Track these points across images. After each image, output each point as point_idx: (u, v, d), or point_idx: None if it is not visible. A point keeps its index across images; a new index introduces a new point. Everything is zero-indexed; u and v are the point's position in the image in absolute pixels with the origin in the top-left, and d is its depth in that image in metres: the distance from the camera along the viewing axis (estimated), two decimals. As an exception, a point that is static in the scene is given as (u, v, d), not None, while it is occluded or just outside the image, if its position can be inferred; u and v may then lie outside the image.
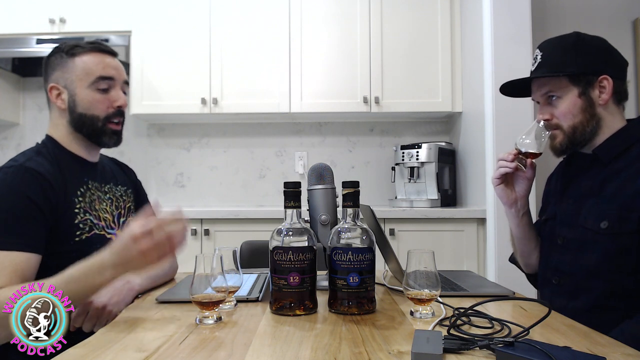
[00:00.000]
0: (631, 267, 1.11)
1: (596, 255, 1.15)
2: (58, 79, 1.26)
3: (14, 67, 3.06)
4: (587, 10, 2.92)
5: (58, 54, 1.27)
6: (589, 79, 1.21)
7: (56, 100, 1.27)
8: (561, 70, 1.22)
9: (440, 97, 2.87)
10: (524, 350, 0.68)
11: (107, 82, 1.27)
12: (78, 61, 1.25)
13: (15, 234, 1.07)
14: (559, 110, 1.24)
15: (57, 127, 1.29)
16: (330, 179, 1.20)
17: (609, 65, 1.23)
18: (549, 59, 1.25)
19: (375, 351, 0.75)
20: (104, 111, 1.27)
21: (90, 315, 1.08)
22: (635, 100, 2.90)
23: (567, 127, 1.23)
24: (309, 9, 2.88)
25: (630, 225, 1.10)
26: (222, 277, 0.95)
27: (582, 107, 1.22)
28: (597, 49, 1.24)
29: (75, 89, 1.25)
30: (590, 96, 1.22)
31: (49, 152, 1.24)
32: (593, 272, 1.16)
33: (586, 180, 1.25)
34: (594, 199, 1.19)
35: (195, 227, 2.56)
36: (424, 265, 0.95)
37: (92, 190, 1.29)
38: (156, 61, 2.87)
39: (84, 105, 1.26)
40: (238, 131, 3.22)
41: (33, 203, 1.11)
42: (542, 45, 1.29)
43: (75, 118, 1.26)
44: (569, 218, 1.25)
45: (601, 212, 1.15)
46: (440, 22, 2.87)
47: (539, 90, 1.27)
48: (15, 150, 3.18)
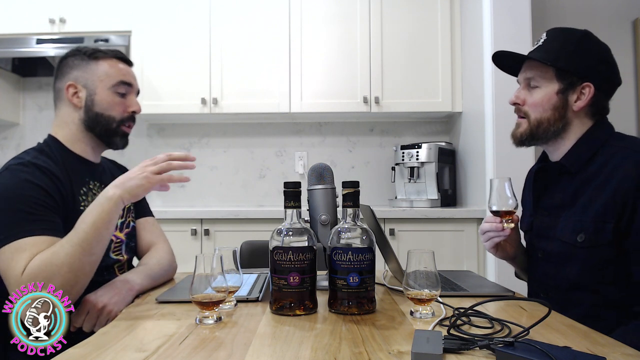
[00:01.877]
0: (612, 278, 1.11)
1: (577, 268, 1.15)
2: (77, 78, 1.29)
3: (14, 67, 3.06)
4: (587, 10, 2.92)
5: (78, 56, 1.31)
6: (573, 80, 1.19)
7: (72, 98, 1.29)
8: (553, 60, 1.20)
9: (440, 97, 2.87)
10: (524, 350, 0.68)
11: (125, 88, 1.33)
12: (101, 64, 1.31)
13: (38, 220, 1.10)
14: (532, 99, 1.23)
15: (64, 125, 1.30)
16: (330, 179, 1.20)
17: (599, 76, 1.20)
18: (548, 45, 1.23)
19: (375, 351, 0.75)
20: (120, 114, 1.32)
21: (90, 315, 1.08)
22: (635, 100, 2.90)
23: (534, 118, 1.22)
24: (309, 9, 2.88)
25: (606, 236, 1.10)
26: (222, 277, 0.95)
27: (555, 105, 1.21)
28: (596, 56, 1.21)
29: (96, 89, 1.29)
30: (567, 98, 1.20)
31: (51, 151, 1.26)
32: (577, 285, 1.15)
33: (558, 192, 1.24)
34: (568, 212, 1.19)
35: (195, 227, 2.56)
36: (424, 265, 0.95)
37: (94, 190, 1.30)
38: (156, 61, 2.87)
39: (102, 105, 1.29)
40: (238, 131, 3.22)
41: (48, 194, 1.14)
42: (550, 30, 1.26)
43: (91, 117, 1.29)
44: (546, 231, 1.25)
45: (576, 225, 1.15)
46: (440, 22, 2.87)
47: (525, 72, 1.26)
48: (15, 150, 3.18)
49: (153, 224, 1.48)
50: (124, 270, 1.33)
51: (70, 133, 1.30)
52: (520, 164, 2.28)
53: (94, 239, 1.07)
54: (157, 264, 1.32)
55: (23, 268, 1.02)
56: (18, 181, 1.13)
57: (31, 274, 1.01)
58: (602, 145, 1.18)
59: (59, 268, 1.02)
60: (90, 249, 1.07)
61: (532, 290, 1.33)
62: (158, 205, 2.96)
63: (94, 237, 1.07)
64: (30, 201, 1.11)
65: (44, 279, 0.99)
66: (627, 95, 2.89)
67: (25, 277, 1.01)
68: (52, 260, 1.03)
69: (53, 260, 1.03)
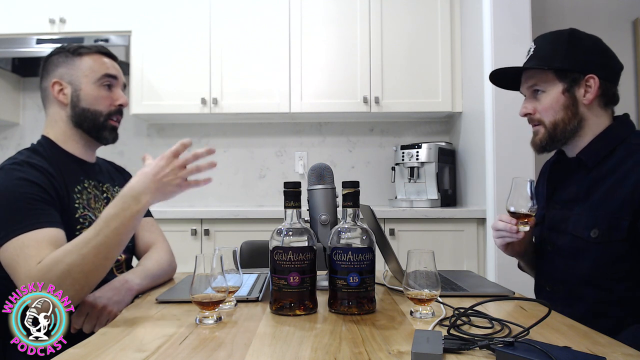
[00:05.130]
0: (624, 274, 1.11)
1: (588, 263, 1.14)
2: (62, 75, 1.29)
3: (14, 67, 3.06)
4: (587, 10, 2.92)
5: (62, 53, 1.31)
6: (575, 76, 1.20)
7: (58, 95, 1.29)
8: (549, 64, 1.21)
9: (440, 97, 2.87)
10: (524, 350, 0.68)
11: (110, 80, 1.32)
12: (85, 59, 1.30)
13: (38, 215, 1.10)
14: (541, 105, 1.23)
15: (54, 124, 1.31)
16: (330, 179, 1.20)
17: (599, 66, 1.20)
18: (540, 52, 1.24)
19: (375, 351, 0.75)
20: (107, 107, 1.32)
21: (91, 316, 1.08)
22: (635, 101, 2.90)
23: (549, 122, 1.22)
24: (309, 9, 2.88)
25: (620, 233, 1.10)
26: (222, 277, 0.95)
27: (565, 104, 1.21)
28: (589, 48, 1.22)
29: (81, 85, 1.29)
30: (574, 94, 1.20)
31: (45, 150, 1.26)
32: (586, 280, 1.15)
33: (572, 185, 1.23)
34: (582, 206, 1.18)
35: (195, 227, 2.56)
36: (424, 265, 0.95)
37: (89, 188, 1.31)
38: (156, 61, 2.87)
39: (88, 100, 1.29)
40: (238, 131, 3.22)
41: (44, 190, 1.15)
42: (537, 38, 1.28)
43: (78, 113, 1.29)
44: (558, 224, 1.24)
45: (590, 220, 1.15)
46: (440, 22, 2.87)
47: (526, 83, 1.27)
48: (15, 151, 3.15)
49: (152, 224, 1.48)
50: (122, 270, 1.33)
51: (61, 131, 1.31)
52: (520, 164, 2.29)
53: (115, 245, 1.06)
54: (157, 264, 1.32)
55: (34, 263, 1.02)
56: (13, 179, 1.13)
57: (43, 270, 1.01)
58: (622, 142, 1.18)
59: (70, 268, 1.02)
60: (107, 253, 1.06)
61: (538, 284, 1.32)
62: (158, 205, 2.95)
63: (115, 242, 1.06)
64: (28, 197, 1.11)
65: (56, 278, 0.99)
66: (627, 95, 2.88)
67: (37, 274, 1.00)
68: (65, 259, 1.02)
69: (66, 259, 1.02)
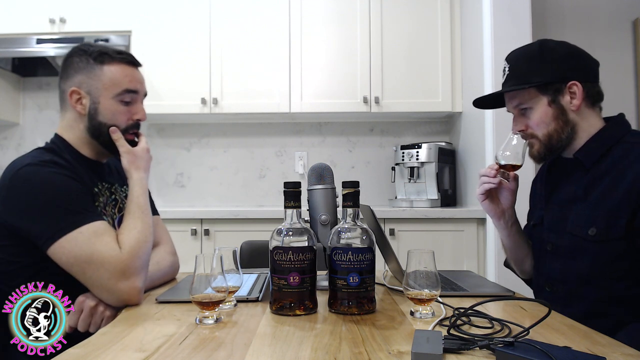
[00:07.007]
0: (623, 273, 1.11)
1: (587, 262, 1.15)
2: (81, 84, 1.23)
3: (14, 67, 3.06)
4: (587, 10, 2.92)
5: (84, 57, 1.24)
6: (557, 87, 1.21)
7: (76, 105, 1.24)
8: (527, 81, 1.21)
9: (440, 97, 2.87)
10: (524, 350, 0.68)
11: (131, 96, 1.27)
12: (106, 70, 1.23)
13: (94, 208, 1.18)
14: (532, 121, 1.24)
15: (70, 129, 1.27)
16: (330, 179, 1.20)
17: (576, 71, 1.21)
18: (515, 71, 1.25)
19: (375, 351, 0.75)
20: (124, 123, 1.27)
21: (84, 315, 1.07)
22: (635, 100, 2.90)
23: (542, 135, 1.23)
24: (309, 9, 2.88)
25: (618, 231, 1.10)
26: (222, 277, 0.95)
27: (554, 115, 1.21)
28: (562, 56, 1.22)
29: (100, 98, 1.23)
30: (560, 103, 1.21)
31: (61, 151, 1.23)
32: (585, 280, 1.15)
33: (570, 185, 1.24)
34: (580, 205, 1.19)
35: (195, 227, 2.56)
36: (424, 265, 0.95)
37: (103, 191, 1.29)
38: (156, 61, 2.87)
39: (106, 115, 1.24)
40: (238, 131, 3.22)
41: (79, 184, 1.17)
42: (508, 56, 1.29)
43: (95, 125, 1.24)
44: (556, 224, 1.25)
45: (588, 219, 1.15)
46: (440, 22, 2.87)
47: (511, 103, 1.28)
48: (15, 150, 3.18)
49: (157, 223, 1.45)
50: None
51: (77, 137, 1.27)
52: (520, 164, 2.29)
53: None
54: (156, 266, 1.31)
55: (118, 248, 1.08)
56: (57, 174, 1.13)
57: (131, 250, 1.09)
58: (618, 141, 1.18)
59: (148, 251, 1.13)
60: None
61: (537, 284, 1.32)
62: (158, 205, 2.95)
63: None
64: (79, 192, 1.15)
65: (143, 255, 1.11)
66: (627, 95, 2.88)
67: (126, 254, 1.08)
68: (140, 237, 1.12)
69: (141, 237, 1.12)
